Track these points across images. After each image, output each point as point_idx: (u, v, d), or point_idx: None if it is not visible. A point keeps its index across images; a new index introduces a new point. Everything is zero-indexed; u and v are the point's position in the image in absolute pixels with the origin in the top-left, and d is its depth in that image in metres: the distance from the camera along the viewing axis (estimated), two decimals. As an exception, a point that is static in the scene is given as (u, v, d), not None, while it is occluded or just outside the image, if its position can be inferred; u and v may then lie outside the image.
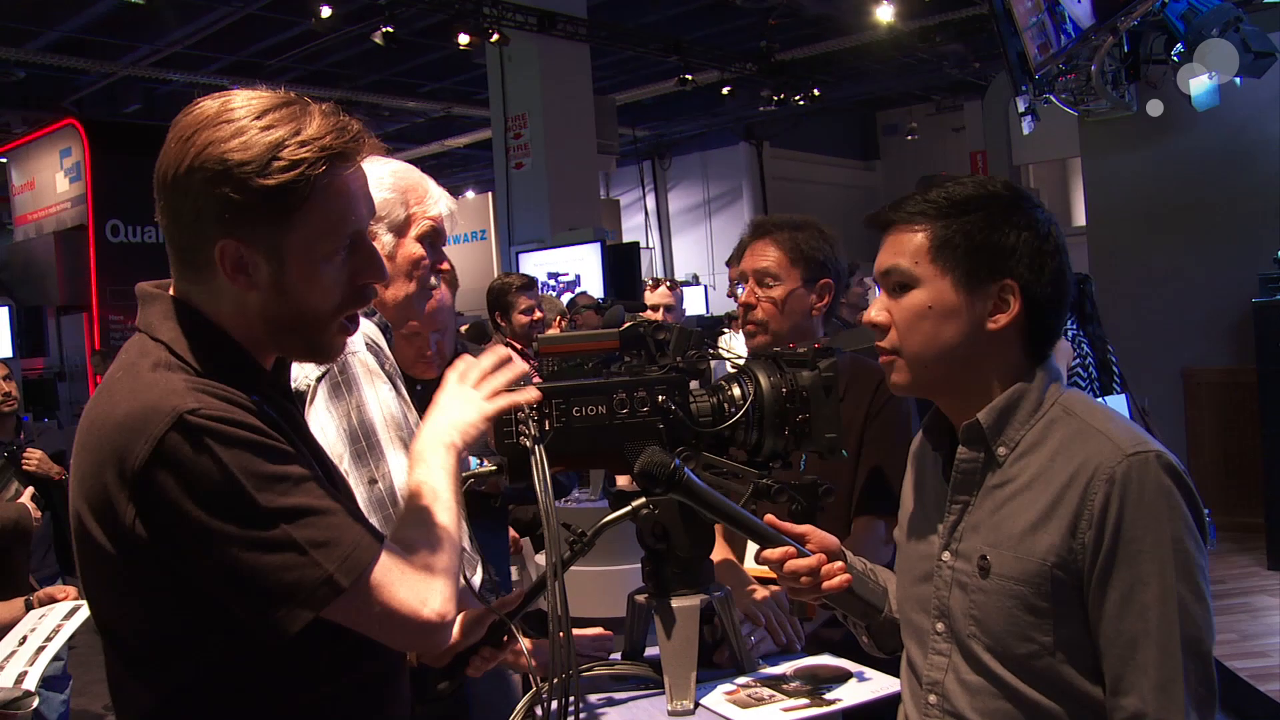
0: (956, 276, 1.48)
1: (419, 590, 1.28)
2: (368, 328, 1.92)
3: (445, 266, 2.05)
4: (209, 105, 1.28)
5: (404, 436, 1.84)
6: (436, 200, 2.01)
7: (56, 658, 4.97)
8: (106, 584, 1.27)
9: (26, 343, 10.85)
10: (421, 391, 2.07)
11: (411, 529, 1.36)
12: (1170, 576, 1.34)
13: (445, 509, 1.39)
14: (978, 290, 1.47)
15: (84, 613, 4.09)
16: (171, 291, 1.34)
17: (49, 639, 3.15)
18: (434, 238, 2.00)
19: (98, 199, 11.15)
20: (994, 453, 1.48)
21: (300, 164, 1.23)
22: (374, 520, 1.74)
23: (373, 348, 1.90)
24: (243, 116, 1.25)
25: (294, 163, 1.23)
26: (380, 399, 1.84)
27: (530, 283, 5.53)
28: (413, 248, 1.96)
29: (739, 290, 2.40)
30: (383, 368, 1.89)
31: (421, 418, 1.80)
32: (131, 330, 1.37)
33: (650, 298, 6.02)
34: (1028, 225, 1.47)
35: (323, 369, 1.81)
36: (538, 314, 5.31)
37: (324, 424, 1.80)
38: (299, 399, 1.75)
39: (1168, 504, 1.36)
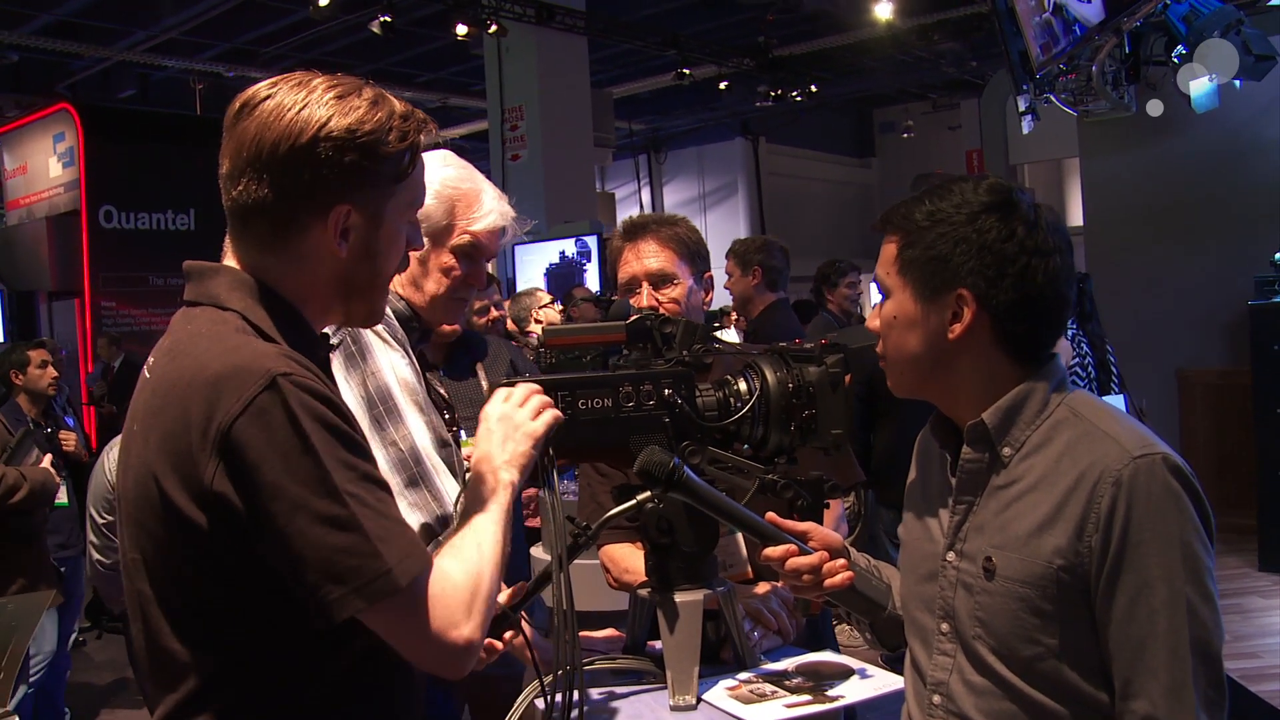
0: (915, 288, 1.48)
1: (454, 612, 1.29)
2: None
3: (478, 284, 2.06)
4: (287, 87, 1.35)
5: (419, 400, 1.87)
6: (486, 214, 2.02)
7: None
8: (169, 548, 1.27)
9: (18, 328, 10.81)
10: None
11: (457, 554, 1.36)
12: (1178, 579, 1.34)
13: (492, 542, 1.39)
14: (933, 301, 1.47)
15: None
16: (236, 265, 1.38)
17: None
18: (472, 251, 2.02)
19: (91, 184, 11.09)
20: (999, 453, 1.47)
21: (408, 135, 1.38)
22: (396, 480, 1.76)
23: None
24: (342, 94, 1.35)
25: (405, 133, 1.37)
26: (393, 364, 1.87)
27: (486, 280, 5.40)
28: (445, 257, 2.00)
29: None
30: (394, 337, 1.91)
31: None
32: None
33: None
34: (991, 229, 1.43)
35: (336, 340, 1.82)
36: (494, 313, 5.09)
37: (343, 394, 1.80)
38: None
39: (1175, 506, 1.35)
